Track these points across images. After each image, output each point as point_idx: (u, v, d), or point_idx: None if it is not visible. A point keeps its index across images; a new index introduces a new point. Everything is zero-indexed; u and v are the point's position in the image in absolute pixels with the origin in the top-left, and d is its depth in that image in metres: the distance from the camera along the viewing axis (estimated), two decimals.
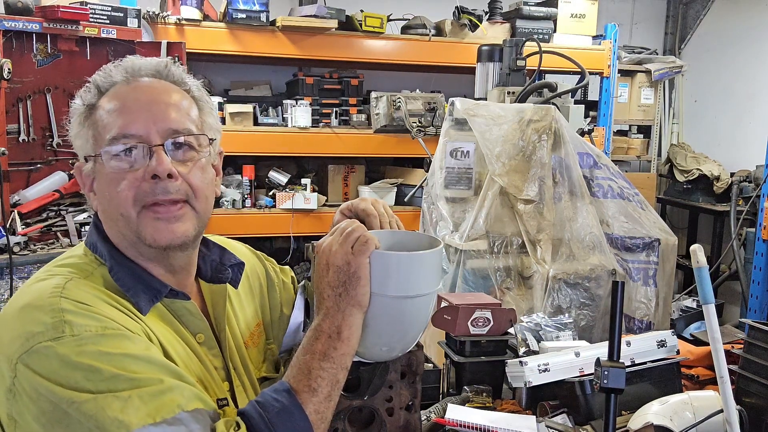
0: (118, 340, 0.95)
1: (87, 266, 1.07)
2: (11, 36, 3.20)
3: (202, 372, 1.09)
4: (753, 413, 1.60)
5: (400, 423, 1.21)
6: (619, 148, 5.62)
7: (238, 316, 1.25)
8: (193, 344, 1.10)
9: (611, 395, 1.31)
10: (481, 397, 1.77)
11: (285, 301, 1.37)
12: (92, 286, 1.03)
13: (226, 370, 1.15)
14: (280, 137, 4.37)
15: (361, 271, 1.02)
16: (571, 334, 2.06)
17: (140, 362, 0.94)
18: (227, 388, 1.13)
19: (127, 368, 0.92)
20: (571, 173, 2.95)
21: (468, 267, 2.81)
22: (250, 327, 1.27)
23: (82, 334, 0.93)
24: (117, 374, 0.91)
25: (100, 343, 0.93)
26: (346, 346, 1.03)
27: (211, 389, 1.08)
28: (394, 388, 1.20)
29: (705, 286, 1.36)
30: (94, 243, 1.10)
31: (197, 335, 1.12)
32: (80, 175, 1.12)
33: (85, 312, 0.96)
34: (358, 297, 1.02)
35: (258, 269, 1.36)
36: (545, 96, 3.19)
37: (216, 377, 1.12)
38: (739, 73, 5.55)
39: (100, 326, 0.95)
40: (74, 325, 0.94)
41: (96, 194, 1.10)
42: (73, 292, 0.99)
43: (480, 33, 4.66)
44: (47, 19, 3.24)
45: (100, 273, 1.06)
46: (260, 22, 4.15)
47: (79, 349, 0.92)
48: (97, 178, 1.08)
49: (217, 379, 1.12)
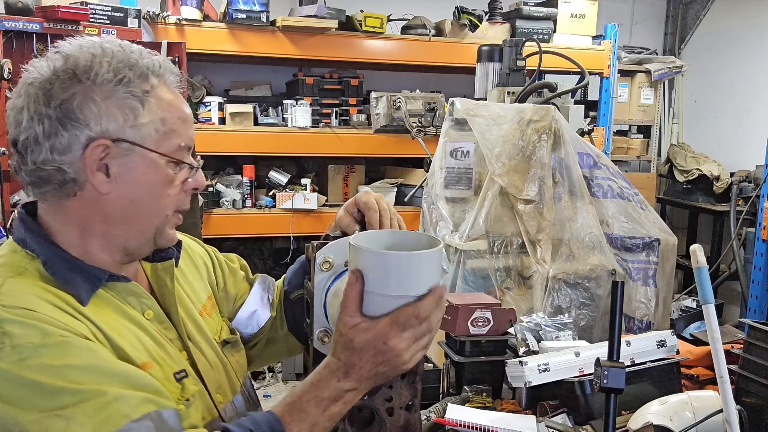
0: (60, 350, 0.93)
1: (19, 262, 1.03)
2: (11, 36, 3.21)
3: (155, 347, 1.09)
4: (753, 413, 1.60)
5: (400, 423, 1.21)
6: (619, 148, 5.62)
7: (187, 290, 1.27)
8: (141, 322, 1.10)
9: (611, 395, 1.31)
10: (481, 397, 1.77)
11: (230, 281, 1.40)
12: (30, 283, 1.00)
13: (182, 340, 1.16)
14: (280, 137, 4.37)
15: (409, 366, 1.02)
16: (571, 334, 2.06)
17: (84, 372, 0.92)
18: (186, 357, 1.15)
19: (72, 380, 0.91)
20: (571, 173, 2.95)
21: (468, 267, 2.81)
22: (201, 300, 1.29)
23: (24, 345, 0.91)
24: (61, 388, 0.90)
25: (42, 355, 0.91)
26: (351, 403, 1.05)
27: (167, 362, 1.09)
28: (394, 388, 1.20)
29: (705, 286, 1.36)
30: (23, 238, 1.05)
31: (145, 312, 1.12)
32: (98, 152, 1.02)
33: (24, 320, 0.93)
34: (387, 376, 1.04)
35: (199, 251, 1.38)
36: (545, 96, 3.19)
37: (171, 349, 1.12)
38: (739, 73, 5.56)
39: (40, 334, 0.92)
40: (14, 336, 0.91)
41: (118, 182, 1.04)
42: (8, 297, 0.96)
43: (480, 33, 4.66)
44: (47, 19, 3.24)
45: (35, 267, 1.03)
46: (260, 22, 4.15)
47: (22, 363, 0.90)
48: (132, 169, 1.04)
49: (173, 350, 1.13)
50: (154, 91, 1.05)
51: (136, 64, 1.04)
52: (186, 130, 1.09)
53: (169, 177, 1.07)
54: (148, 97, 1.04)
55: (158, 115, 1.05)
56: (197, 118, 4.24)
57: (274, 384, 4.44)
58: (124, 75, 1.02)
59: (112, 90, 1.02)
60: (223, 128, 4.25)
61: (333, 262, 1.21)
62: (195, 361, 1.16)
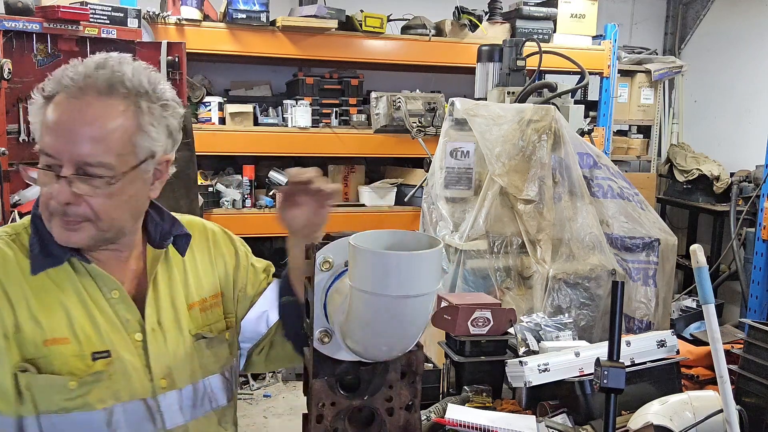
0: None
1: (18, 228, 1.23)
2: (11, 36, 3.20)
3: (90, 327, 1.19)
4: (753, 413, 1.60)
5: (400, 423, 1.21)
6: (619, 148, 5.62)
7: (190, 280, 1.34)
8: (99, 301, 1.21)
9: (611, 395, 1.31)
10: (481, 397, 1.77)
11: (251, 282, 1.44)
12: (6, 242, 1.20)
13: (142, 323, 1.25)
14: (280, 137, 4.37)
15: None
16: (571, 334, 2.06)
17: None
18: (140, 339, 1.24)
19: None
20: (571, 173, 2.95)
21: (468, 267, 2.81)
22: (202, 294, 1.35)
23: None
24: None
25: None
26: None
27: (92, 342, 1.19)
28: (394, 388, 1.20)
29: (705, 286, 1.36)
30: (34, 213, 1.22)
31: (112, 292, 1.23)
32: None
33: None
34: None
35: (226, 249, 1.43)
36: (545, 96, 3.19)
37: (123, 329, 1.23)
38: (739, 73, 5.55)
39: None
40: None
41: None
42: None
43: (480, 33, 4.66)
44: (47, 19, 3.24)
45: (25, 235, 1.22)
46: (260, 22, 4.15)
47: None
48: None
49: (123, 330, 1.23)
50: (48, 104, 1.16)
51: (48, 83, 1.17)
52: (45, 135, 1.14)
53: (41, 176, 1.16)
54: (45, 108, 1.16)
55: (43, 119, 1.16)
56: (197, 118, 4.25)
57: (274, 384, 4.44)
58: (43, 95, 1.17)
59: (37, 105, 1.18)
60: (223, 128, 4.25)
61: (333, 262, 1.21)
62: (147, 345, 1.24)
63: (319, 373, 1.25)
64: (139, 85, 1.16)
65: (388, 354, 1.15)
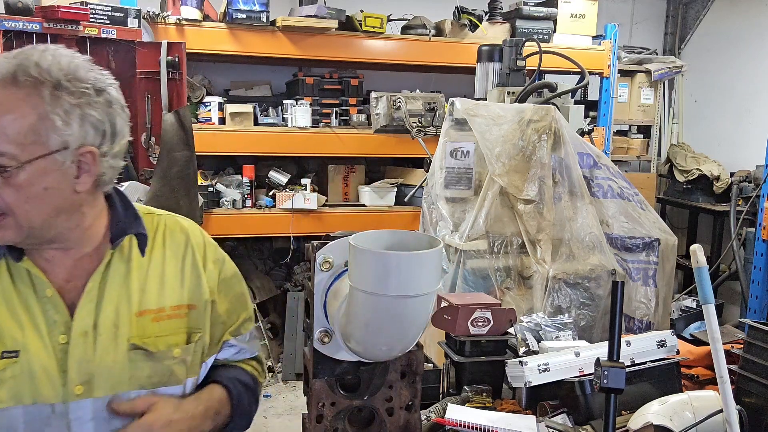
0: None
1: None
2: (11, 36, 3.20)
3: (27, 322, 1.18)
4: (753, 413, 1.60)
5: (400, 423, 1.21)
6: (619, 148, 5.62)
7: (148, 286, 1.27)
8: (27, 299, 1.20)
9: (611, 395, 1.31)
10: (481, 397, 1.77)
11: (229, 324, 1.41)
12: None
13: (69, 326, 1.21)
14: (280, 137, 4.37)
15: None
16: (571, 334, 2.06)
17: None
18: (64, 341, 1.20)
19: None
20: (571, 173, 2.95)
21: (468, 267, 2.81)
22: (159, 303, 1.28)
23: None
24: None
25: None
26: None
27: (3, 341, 1.17)
28: (394, 388, 1.20)
29: (705, 286, 1.36)
30: None
31: (46, 290, 1.20)
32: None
33: None
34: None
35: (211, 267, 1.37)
36: (545, 96, 3.19)
37: (47, 330, 1.20)
38: (739, 73, 5.56)
39: None
40: None
41: None
42: None
43: (480, 33, 4.66)
44: (47, 19, 3.24)
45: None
46: (260, 22, 4.15)
47: None
48: None
49: (46, 330, 1.19)
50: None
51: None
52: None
53: None
54: None
55: None
56: (197, 118, 4.25)
57: (274, 384, 4.44)
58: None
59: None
60: (223, 128, 4.25)
61: (333, 262, 1.21)
62: (69, 348, 1.20)
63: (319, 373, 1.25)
64: (47, 74, 1.12)
65: (388, 354, 1.16)
